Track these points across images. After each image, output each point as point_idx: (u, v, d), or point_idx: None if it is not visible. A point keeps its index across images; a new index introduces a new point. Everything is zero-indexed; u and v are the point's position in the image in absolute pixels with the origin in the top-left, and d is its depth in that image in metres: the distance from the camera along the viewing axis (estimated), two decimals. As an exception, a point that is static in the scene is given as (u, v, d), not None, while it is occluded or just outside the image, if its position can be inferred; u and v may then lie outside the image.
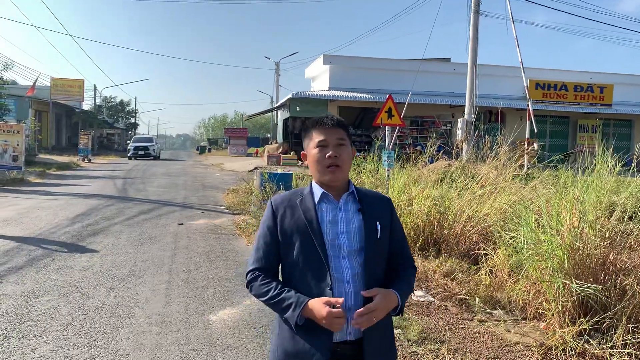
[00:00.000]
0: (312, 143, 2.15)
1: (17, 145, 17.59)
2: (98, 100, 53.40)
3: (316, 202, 2.13)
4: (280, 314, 2.05)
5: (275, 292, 2.04)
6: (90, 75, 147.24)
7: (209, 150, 55.27)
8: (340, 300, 1.95)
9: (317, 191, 2.15)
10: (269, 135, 52.14)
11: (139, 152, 37.32)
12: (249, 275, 2.14)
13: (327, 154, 2.09)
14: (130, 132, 58.21)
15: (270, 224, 2.14)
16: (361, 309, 1.97)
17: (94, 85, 50.64)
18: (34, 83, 33.83)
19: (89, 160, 30.82)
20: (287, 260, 2.11)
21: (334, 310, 1.92)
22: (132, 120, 61.12)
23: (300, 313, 1.97)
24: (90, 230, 8.93)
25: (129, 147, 38.77)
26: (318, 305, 1.95)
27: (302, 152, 2.25)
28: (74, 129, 47.28)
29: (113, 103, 57.33)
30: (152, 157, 37.66)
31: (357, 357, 2.04)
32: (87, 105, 51.25)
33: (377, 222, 2.13)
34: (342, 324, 1.95)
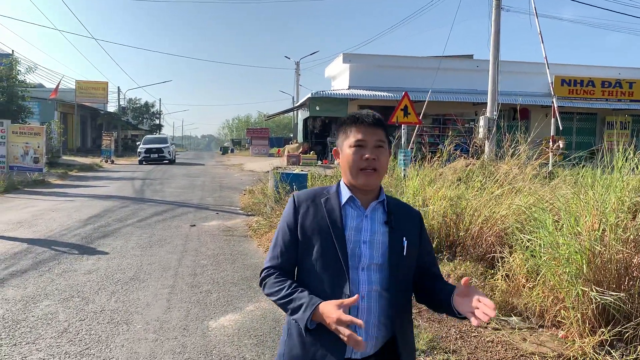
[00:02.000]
0: (347, 141, 1.94)
1: (38, 147, 17.76)
2: (122, 102, 54.00)
3: (342, 204, 1.92)
4: (291, 315, 1.86)
5: (287, 292, 1.85)
6: (115, 78, 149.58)
7: (232, 151, 55.48)
8: (355, 298, 1.71)
9: (345, 193, 1.95)
10: (292, 135, 52.08)
11: (152, 156, 31.86)
12: (263, 273, 1.98)
13: (365, 156, 1.89)
14: (155, 133, 58.24)
15: (291, 220, 1.96)
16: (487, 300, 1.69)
17: (118, 87, 51.17)
18: (57, 86, 34.27)
19: (112, 162, 31.14)
20: (304, 263, 1.93)
21: (344, 317, 1.67)
22: (157, 121, 61.58)
23: (311, 315, 1.76)
24: (100, 233, 8.85)
25: (139, 150, 32.88)
26: (329, 308, 1.72)
27: (334, 148, 2.03)
28: (98, 130, 47.82)
29: (138, 105, 57.90)
30: (166, 161, 32.36)
31: None
32: (111, 107, 51.94)
33: (404, 238, 1.91)
34: (350, 336, 1.66)
